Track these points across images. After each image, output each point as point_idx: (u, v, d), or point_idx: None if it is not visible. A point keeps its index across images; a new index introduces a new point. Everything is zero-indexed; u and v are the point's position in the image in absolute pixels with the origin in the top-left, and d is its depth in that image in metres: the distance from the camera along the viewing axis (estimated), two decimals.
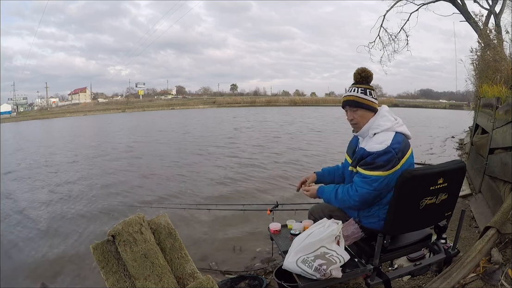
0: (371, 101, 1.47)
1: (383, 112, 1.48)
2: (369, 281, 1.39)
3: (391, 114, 1.48)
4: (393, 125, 1.43)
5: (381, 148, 1.36)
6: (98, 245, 1.26)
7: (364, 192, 1.39)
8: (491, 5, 8.20)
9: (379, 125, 1.44)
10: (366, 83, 1.50)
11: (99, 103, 58.38)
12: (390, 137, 1.39)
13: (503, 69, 4.88)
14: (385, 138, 1.39)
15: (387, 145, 1.36)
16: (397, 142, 1.38)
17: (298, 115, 27.38)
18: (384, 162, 1.35)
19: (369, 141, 1.44)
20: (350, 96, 1.49)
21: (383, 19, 10.21)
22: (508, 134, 2.66)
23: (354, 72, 1.51)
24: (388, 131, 1.42)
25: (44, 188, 5.84)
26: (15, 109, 53.46)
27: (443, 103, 53.12)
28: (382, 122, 1.44)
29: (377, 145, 1.38)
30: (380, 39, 10.40)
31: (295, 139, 11.60)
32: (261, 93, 70.63)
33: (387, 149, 1.35)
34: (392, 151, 1.35)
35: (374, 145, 1.39)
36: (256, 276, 2.29)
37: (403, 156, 1.38)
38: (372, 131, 1.45)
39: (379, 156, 1.35)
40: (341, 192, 1.48)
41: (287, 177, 5.93)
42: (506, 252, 1.46)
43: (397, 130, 1.42)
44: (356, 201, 1.42)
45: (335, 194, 1.50)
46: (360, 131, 1.50)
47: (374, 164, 1.36)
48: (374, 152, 1.36)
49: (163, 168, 7.21)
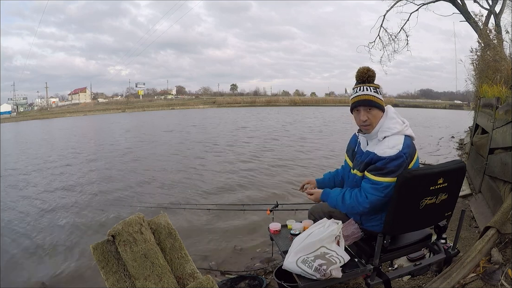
0: (382, 100, 1.43)
1: (392, 114, 1.43)
2: (369, 281, 1.39)
3: (398, 115, 1.45)
4: (403, 128, 1.40)
5: (394, 153, 1.32)
6: (98, 245, 1.26)
7: (374, 199, 1.35)
8: (491, 5, 8.21)
9: (389, 128, 1.39)
10: (372, 82, 1.45)
11: (99, 103, 58.38)
12: (401, 141, 1.35)
13: (503, 69, 4.88)
14: (396, 142, 1.35)
15: (399, 149, 1.33)
16: (407, 146, 1.35)
17: (299, 115, 27.38)
18: (395, 167, 1.31)
19: (379, 145, 1.39)
20: (365, 95, 1.41)
21: (383, 19, 10.22)
22: (508, 134, 2.66)
23: (360, 71, 1.45)
24: (398, 134, 1.38)
25: (44, 187, 5.84)
26: (15, 109, 53.48)
27: (442, 103, 53.12)
28: (392, 125, 1.40)
29: (389, 149, 1.33)
30: (380, 39, 10.42)
31: (295, 139, 11.60)
32: (261, 93, 70.76)
33: (399, 154, 1.32)
34: (403, 156, 1.32)
35: (386, 149, 1.34)
36: (256, 276, 2.29)
37: (411, 160, 1.36)
38: (381, 134, 1.40)
39: (391, 161, 1.32)
40: (349, 197, 1.43)
41: (287, 177, 5.93)
42: (506, 252, 1.46)
43: (406, 134, 1.39)
44: (366, 208, 1.37)
45: (342, 199, 1.45)
46: (372, 133, 1.43)
47: (386, 169, 1.32)
48: (386, 157, 1.32)
49: (163, 168, 7.21)
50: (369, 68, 1.45)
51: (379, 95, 1.42)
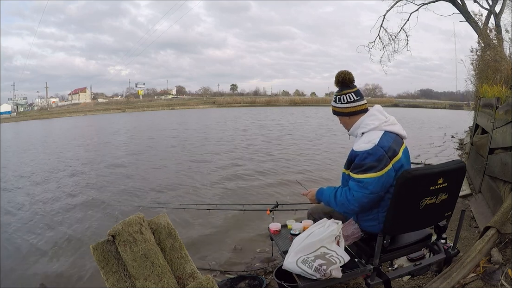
0: (339, 108, 1.52)
1: (373, 111, 1.49)
2: (369, 281, 1.39)
3: (382, 113, 1.48)
4: (381, 123, 1.43)
5: (369, 148, 1.34)
6: (98, 245, 1.26)
7: (360, 196, 1.36)
8: (491, 5, 8.20)
9: (366, 124, 1.44)
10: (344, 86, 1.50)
11: (99, 103, 58.39)
12: (378, 136, 1.38)
13: (503, 69, 4.88)
14: (372, 137, 1.38)
15: (374, 143, 1.34)
16: (385, 141, 1.37)
17: (300, 115, 27.36)
18: (375, 162, 1.32)
19: (356, 141, 1.45)
20: (332, 106, 1.57)
21: (383, 19, 10.21)
22: (508, 134, 2.66)
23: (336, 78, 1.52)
24: (376, 130, 1.41)
25: (43, 186, 5.84)
26: (15, 109, 53.50)
27: (442, 103, 53.11)
28: (369, 121, 1.44)
29: (364, 144, 1.37)
30: (380, 39, 10.41)
31: (295, 139, 11.60)
32: (261, 93, 70.67)
33: (375, 148, 1.33)
34: (380, 150, 1.33)
35: (361, 144, 1.38)
36: (256, 276, 2.29)
37: (395, 155, 1.37)
38: (360, 130, 1.46)
39: (368, 155, 1.33)
40: (340, 194, 1.45)
41: (288, 177, 5.92)
42: (506, 252, 1.46)
43: (386, 129, 1.42)
44: (356, 206, 1.38)
45: (334, 196, 1.47)
46: (350, 131, 1.54)
47: (365, 165, 1.34)
48: (361, 151, 1.35)
49: (163, 168, 7.21)
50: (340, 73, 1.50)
51: (340, 103, 1.51)
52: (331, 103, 1.58)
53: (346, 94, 1.49)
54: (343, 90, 1.51)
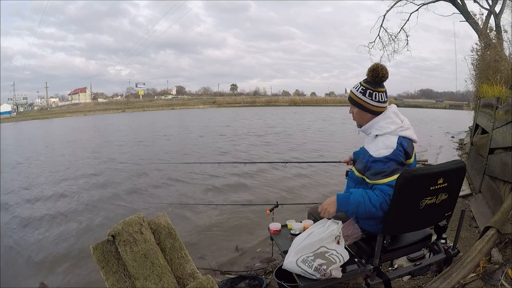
0: (367, 103, 1.45)
1: (389, 113, 1.45)
2: (369, 281, 1.39)
3: (398, 115, 1.45)
4: (397, 128, 1.41)
5: (388, 153, 1.35)
6: (98, 245, 1.26)
7: None
8: (491, 5, 8.20)
9: (382, 127, 1.42)
10: (376, 83, 1.44)
11: (99, 103, 58.38)
12: (395, 141, 1.38)
13: (503, 69, 4.88)
14: (390, 141, 1.38)
15: (393, 148, 1.36)
16: (402, 145, 1.39)
17: (302, 115, 27.36)
18: (397, 165, 1.35)
19: (372, 144, 1.42)
20: (350, 92, 1.52)
21: (383, 19, 10.23)
22: (508, 134, 2.66)
23: (369, 68, 1.44)
24: (391, 134, 1.40)
25: (42, 186, 5.84)
26: (15, 109, 53.51)
27: (442, 103, 53.10)
28: (385, 124, 1.42)
29: (383, 150, 1.37)
30: (380, 39, 10.43)
31: (296, 139, 11.60)
32: (261, 93, 70.67)
33: (394, 152, 1.35)
34: (399, 154, 1.36)
35: (380, 150, 1.37)
36: (256, 276, 2.29)
37: (408, 158, 1.41)
38: (374, 131, 1.44)
39: (389, 160, 1.35)
40: (374, 196, 1.32)
41: (288, 177, 5.92)
42: (506, 252, 1.45)
43: (401, 135, 1.41)
44: None
45: (369, 199, 1.32)
46: (362, 128, 1.51)
47: (389, 170, 1.34)
48: (382, 157, 1.35)
49: (163, 168, 7.20)
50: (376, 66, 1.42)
51: (366, 97, 1.45)
52: (354, 92, 1.48)
53: (379, 92, 1.45)
54: (378, 87, 1.45)
